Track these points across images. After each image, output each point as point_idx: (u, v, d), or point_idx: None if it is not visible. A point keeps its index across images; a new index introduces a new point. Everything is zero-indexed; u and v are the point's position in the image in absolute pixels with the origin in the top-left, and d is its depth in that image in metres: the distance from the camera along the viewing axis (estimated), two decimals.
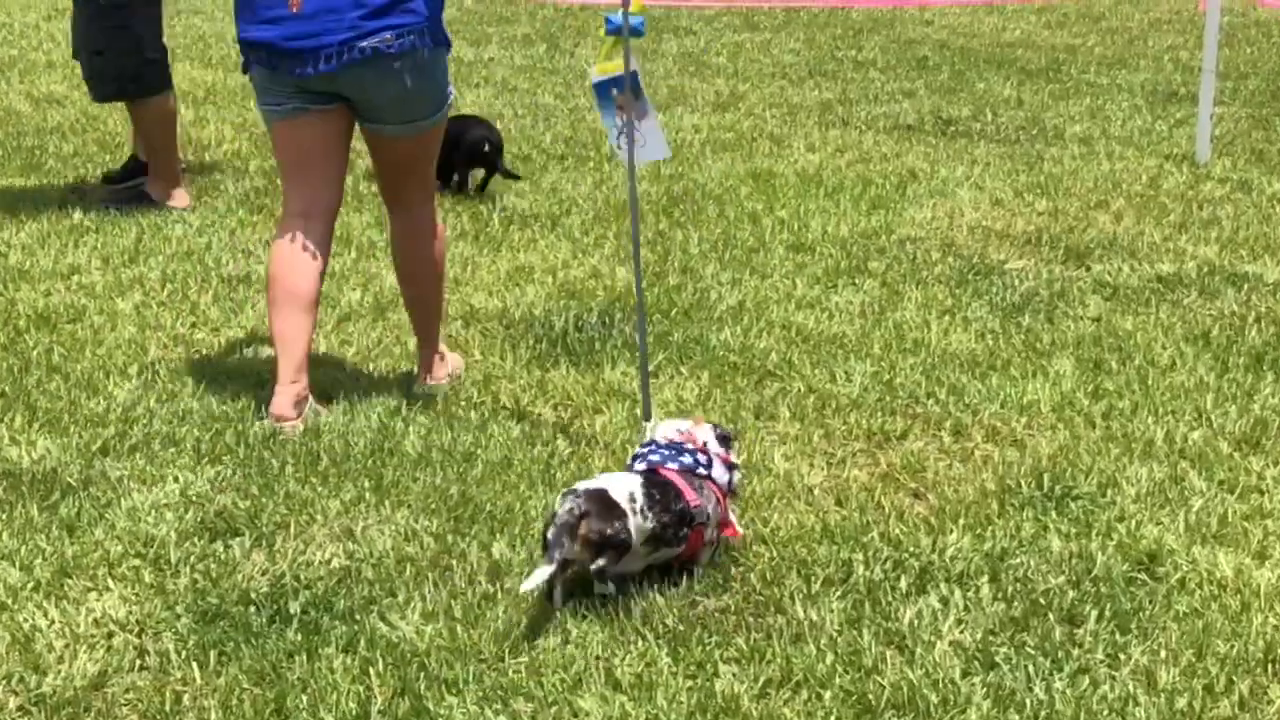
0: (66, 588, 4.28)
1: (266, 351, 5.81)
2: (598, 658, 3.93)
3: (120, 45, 7.84)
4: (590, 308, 6.17)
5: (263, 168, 8.18)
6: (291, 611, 4.14)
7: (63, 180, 8.08)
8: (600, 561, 4.23)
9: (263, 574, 4.35)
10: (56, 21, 12.41)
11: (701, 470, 4.48)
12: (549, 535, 4.20)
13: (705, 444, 4.58)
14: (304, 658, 3.94)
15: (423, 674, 3.87)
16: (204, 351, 5.85)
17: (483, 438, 5.12)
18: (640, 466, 4.48)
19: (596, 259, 6.93)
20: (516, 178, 8.06)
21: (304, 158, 5.66)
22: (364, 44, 5.34)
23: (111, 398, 5.41)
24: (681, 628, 4.06)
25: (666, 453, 4.53)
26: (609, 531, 4.19)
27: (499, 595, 4.21)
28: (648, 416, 5.13)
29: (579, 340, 5.81)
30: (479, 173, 8.04)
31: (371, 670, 3.88)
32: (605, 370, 5.59)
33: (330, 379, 5.66)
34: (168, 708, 3.77)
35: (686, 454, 4.53)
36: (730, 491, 4.55)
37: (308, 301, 5.48)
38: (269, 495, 4.76)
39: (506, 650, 3.97)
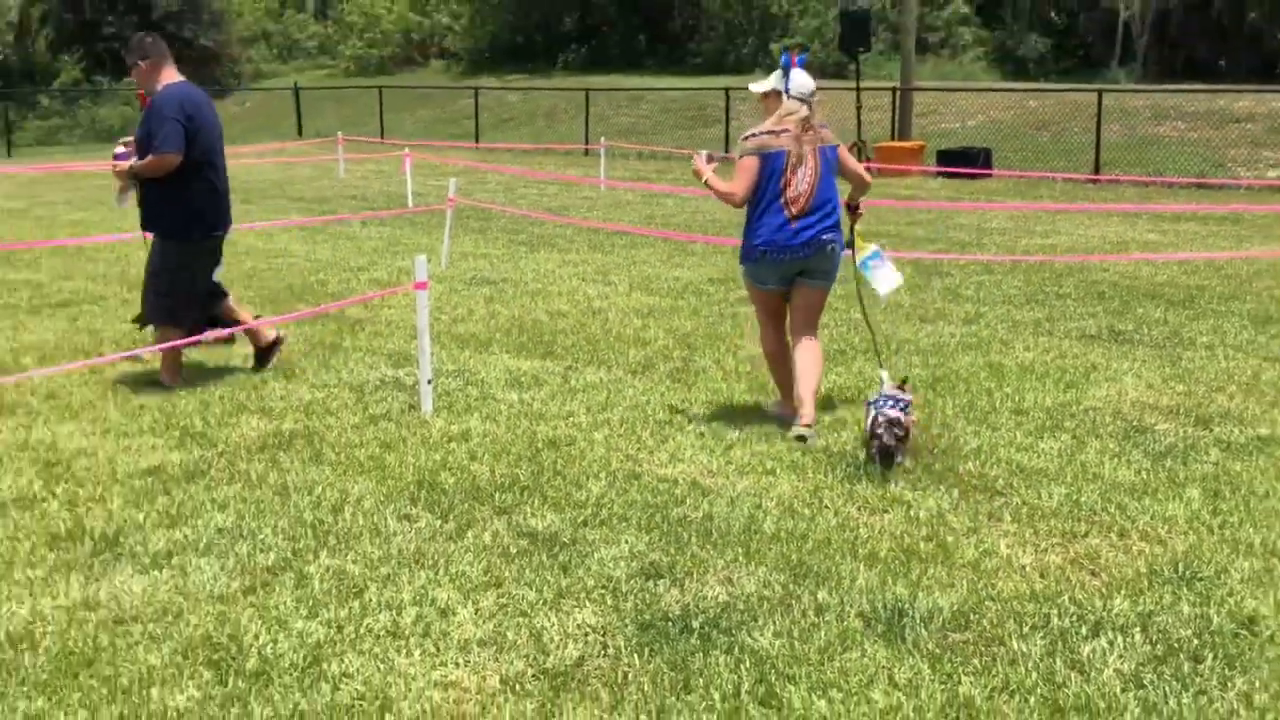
0: (561, 604, 4.47)
1: (681, 469, 5.98)
2: (882, 666, 3.99)
3: None
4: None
5: (676, 356, 8.37)
6: (693, 626, 4.26)
7: (571, 360, 8.32)
8: (899, 443, 5.79)
9: (676, 602, 4.47)
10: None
11: (905, 405, 5.88)
12: (873, 429, 5.81)
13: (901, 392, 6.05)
14: (700, 655, 4.08)
15: (773, 670, 3.97)
16: (644, 466, 6.03)
17: (812, 525, 5.21)
18: (887, 404, 5.85)
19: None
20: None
21: (772, 310, 6.63)
22: (823, 238, 6.35)
23: (589, 491, 5.63)
24: (937, 650, 4.10)
25: (890, 399, 5.90)
26: (901, 430, 5.80)
27: (820, 624, 4.29)
28: (882, 380, 6.25)
29: (871, 467, 5.87)
30: None
31: (741, 666, 4.00)
32: (890, 487, 5.64)
33: (713, 482, 5.78)
34: (618, 680, 3.95)
35: (898, 399, 5.91)
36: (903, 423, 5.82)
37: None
38: (680, 554, 4.90)
39: (824, 658, 4.06)
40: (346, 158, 24.13)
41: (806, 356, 6.45)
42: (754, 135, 6.45)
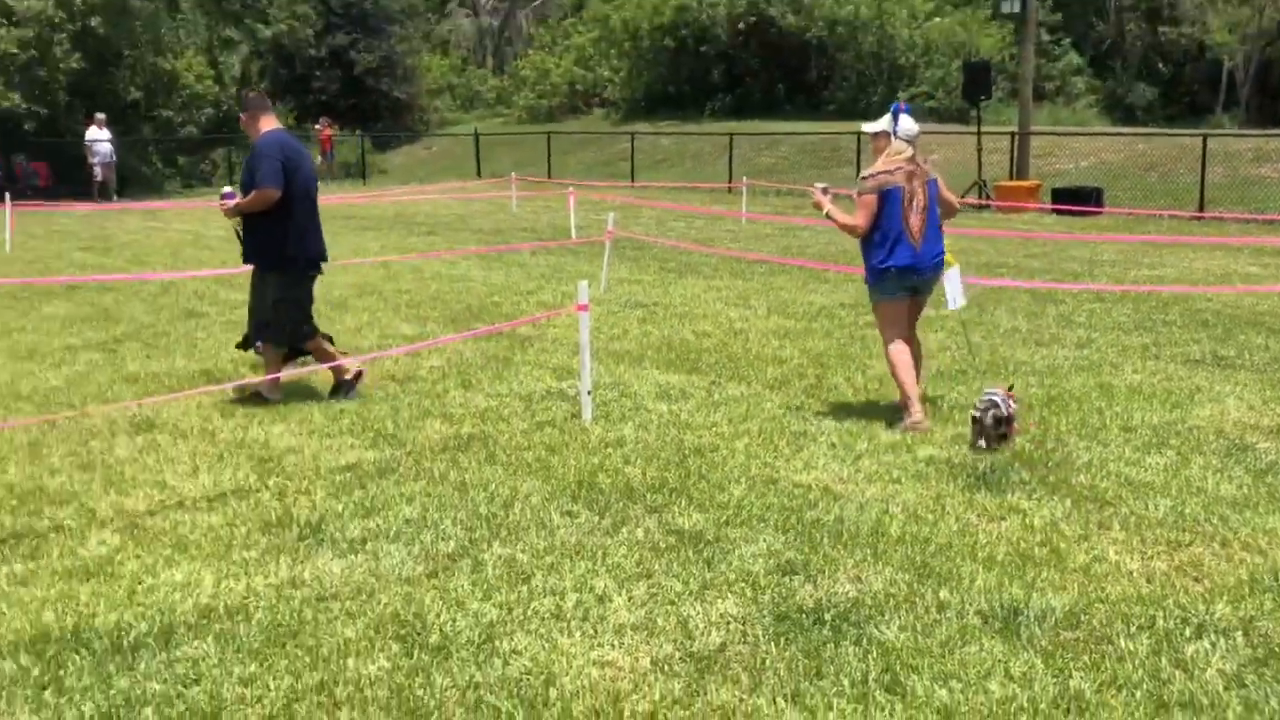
0: (705, 595, 4.45)
1: (814, 476, 5.92)
2: (999, 660, 3.89)
3: None
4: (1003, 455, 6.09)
5: (810, 374, 8.29)
6: (825, 619, 4.21)
7: (715, 376, 8.29)
8: (1003, 427, 6.10)
9: (810, 596, 4.42)
10: None
11: (1008, 402, 6.15)
12: (980, 415, 6.09)
13: (1008, 395, 6.21)
14: (831, 645, 4.03)
15: (898, 661, 3.89)
16: (781, 472, 5.99)
17: (935, 530, 5.11)
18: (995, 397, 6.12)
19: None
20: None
21: (900, 318, 6.81)
22: (938, 260, 6.72)
23: (731, 494, 5.61)
24: (1050, 647, 3.98)
25: (995, 396, 6.11)
26: (1006, 414, 6.08)
27: (941, 620, 4.20)
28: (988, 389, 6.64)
29: (990, 477, 5.74)
30: None
31: (869, 656, 3.94)
32: (1008, 495, 5.51)
33: (844, 489, 5.71)
34: (757, 665, 3.92)
35: (1001, 398, 6.12)
36: (1011, 416, 6.12)
37: (913, 367, 6.78)
38: (813, 553, 4.84)
39: (945, 651, 3.97)
40: (519, 195, 24.50)
41: (913, 351, 6.90)
42: (873, 175, 6.65)
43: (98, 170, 27.97)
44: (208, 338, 9.87)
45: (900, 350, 6.75)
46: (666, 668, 3.89)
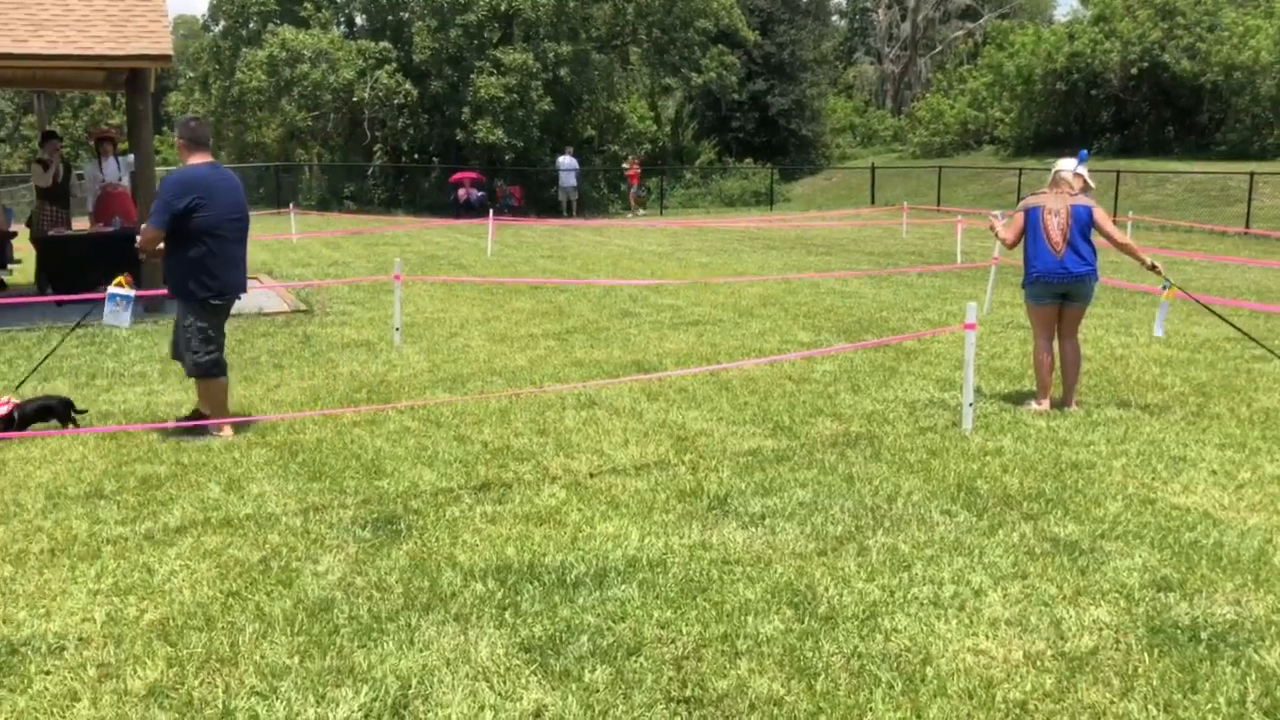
0: (1079, 601, 4.14)
1: (1193, 499, 5.38)
2: None
3: None
4: None
5: (1191, 402, 7.53)
6: (1201, 637, 3.82)
7: (1094, 397, 7.74)
8: None
9: (1185, 614, 4.01)
10: None
11: None
12: None
13: None
14: (1208, 663, 3.64)
15: (1278, 685, 3.48)
16: (1158, 494, 5.49)
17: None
18: None
19: None
20: None
21: (1046, 322, 7.20)
22: (1076, 271, 7.00)
23: (1107, 509, 5.20)
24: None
25: None
26: None
27: None
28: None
29: None
30: None
31: (1247, 678, 3.53)
32: None
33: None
34: (1129, 672, 3.59)
35: None
36: None
37: (1053, 368, 7.19)
38: (1190, 573, 4.38)
39: None
40: (909, 222, 23.98)
41: (1070, 354, 7.21)
42: (1025, 198, 7.35)
43: (564, 192, 30.70)
44: (639, 334, 10.35)
45: (1042, 351, 7.19)
46: (1038, 663, 3.67)
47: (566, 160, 30.95)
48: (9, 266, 12.88)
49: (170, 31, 11.94)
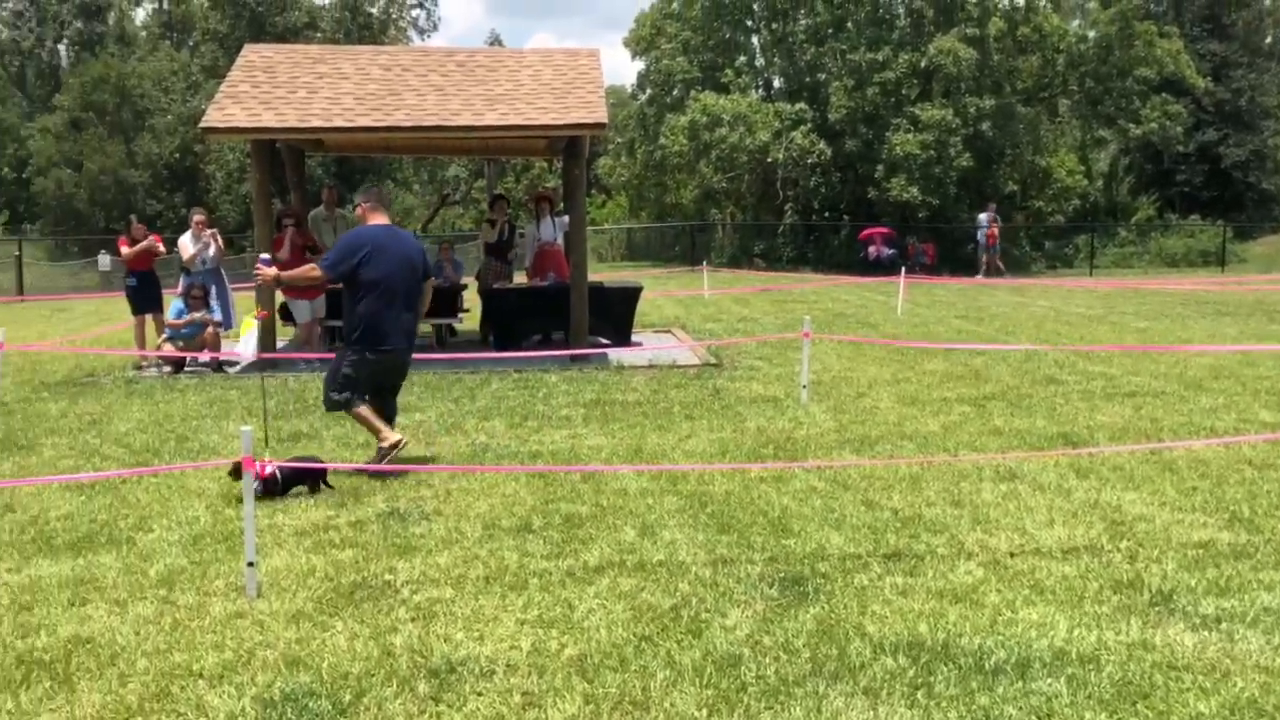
0: None
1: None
2: None
3: None
4: None
5: None
6: None
7: None
8: None
9: None
10: None
11: None
12: None
13: None
14: None
15: None
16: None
17: None
18: None
19: None
20: None
21: None
22: None
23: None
24: None
25: None
26: None
27: None
28: None
29: None
30: None
31: None
32: None
33: None
34: None
35: None
36: None
37: None
38: None
39: None
40: None
41: None
42: None
43: (983, 251, 29.42)
44: (1066, 404, 9.70)
45: None
46: None
47: (986, 217, 29.82)
48: (460, 315, 14.44)
49: (604, 102, 12.93)
